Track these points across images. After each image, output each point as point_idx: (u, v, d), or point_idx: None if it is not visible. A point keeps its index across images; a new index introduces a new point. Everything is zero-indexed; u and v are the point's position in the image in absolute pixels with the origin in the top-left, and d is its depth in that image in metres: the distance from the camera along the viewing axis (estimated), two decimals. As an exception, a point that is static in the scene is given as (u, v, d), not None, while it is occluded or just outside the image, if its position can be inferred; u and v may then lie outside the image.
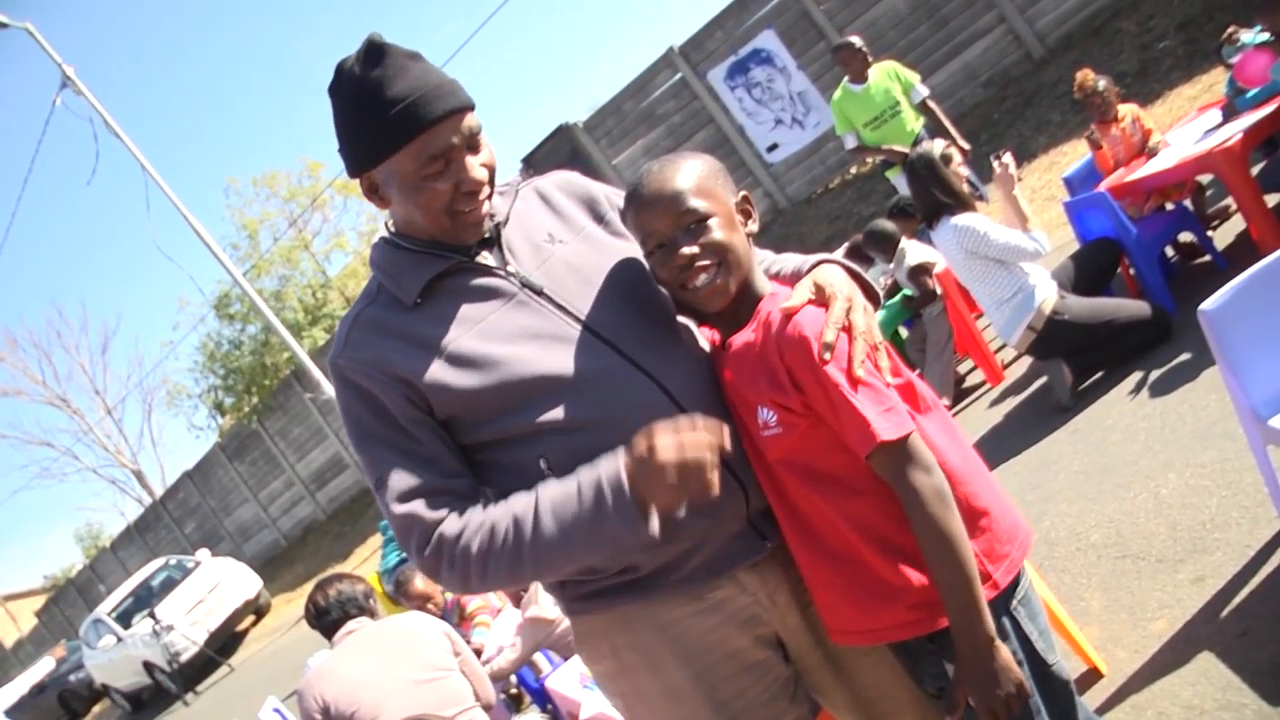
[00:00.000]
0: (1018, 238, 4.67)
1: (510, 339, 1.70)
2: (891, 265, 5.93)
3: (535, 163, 13.48)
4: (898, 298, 5.98)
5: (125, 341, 60.86)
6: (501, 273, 1.76)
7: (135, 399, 45.96)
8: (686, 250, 1.68)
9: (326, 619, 3.73)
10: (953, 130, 7.70)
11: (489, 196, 1.75)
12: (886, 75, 7.78)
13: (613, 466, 1.58)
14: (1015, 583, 1.68)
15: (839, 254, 6.96)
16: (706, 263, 1.69)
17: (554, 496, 1.61)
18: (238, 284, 14.91)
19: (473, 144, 1.70)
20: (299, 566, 18.50)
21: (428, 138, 1.64)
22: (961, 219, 4.73)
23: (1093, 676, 2.88)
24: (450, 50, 24.04)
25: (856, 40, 7.88)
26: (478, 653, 4.80)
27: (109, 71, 54.66)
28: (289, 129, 58.17)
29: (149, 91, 58.46)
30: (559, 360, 1.69)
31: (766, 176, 12.30)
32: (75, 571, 33.38)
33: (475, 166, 1.69)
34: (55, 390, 32.86)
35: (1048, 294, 4.68)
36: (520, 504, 1.63)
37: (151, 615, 15.20)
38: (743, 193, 1.78)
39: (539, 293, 1.75)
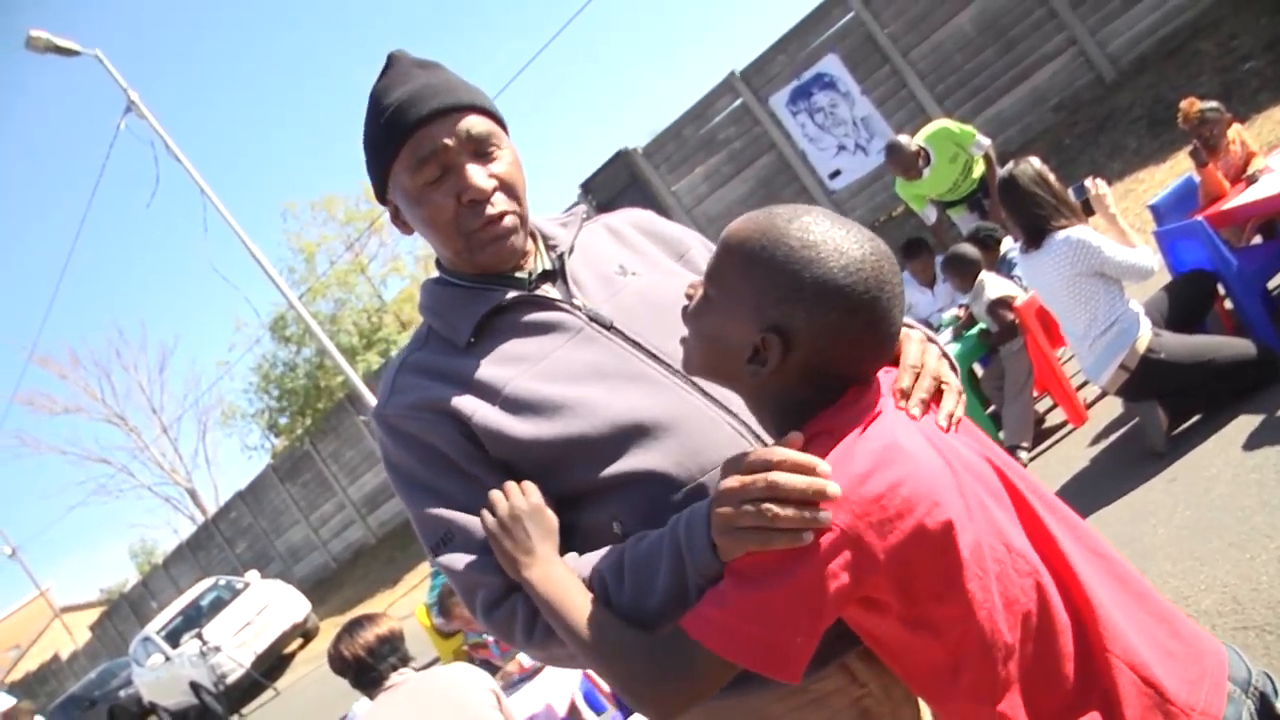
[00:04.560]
0: (1133, 254, 4.35)
1: (576, 379, 1.47)
2: (969, 297, 5.62)
3: (594, 188, 13.32)
4: (974, 331, 5.67)
5: (183, 361, 61.76)
6: (565, 306, 1.54)
7: (191, 418, 46.60)
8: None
9: (367, 675, 3.46)
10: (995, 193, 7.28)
11: (514, 214, 1.52)
12: (945, 141, 7.36)
13: (698, 509, 1.29)
14: None
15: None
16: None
17: (634, 552, 1.35)
18: (293, 307, 14.89)
19: (479, 150, 1.49)
20: (348, 590, 18.40)
21: (415, 141, 1.46)
22: (1076, 231, 4.39)
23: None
24: (509, 74, 23.98)
25: (906, 141, 7.36)
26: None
27: (172, 96, 55.78)
28: (347, 154, 58.84)
29: (210, 116, 59.61)
30: (633, 402, 1.45)
31: (829, 204, 12.00)
32: (129, 587, 33.72)
33: (478, 174, 1.48)
34: (114, 408, 33.34)
35: (1144, 330, 4.35)
36: (609, 558, 1.37)
37: (199, 636, 15.19)
38: (774, 333, 1.22)
39: (608, 328, 1.52)
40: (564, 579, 1.34)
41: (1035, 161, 4.60)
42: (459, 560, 1.45)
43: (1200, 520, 3.68)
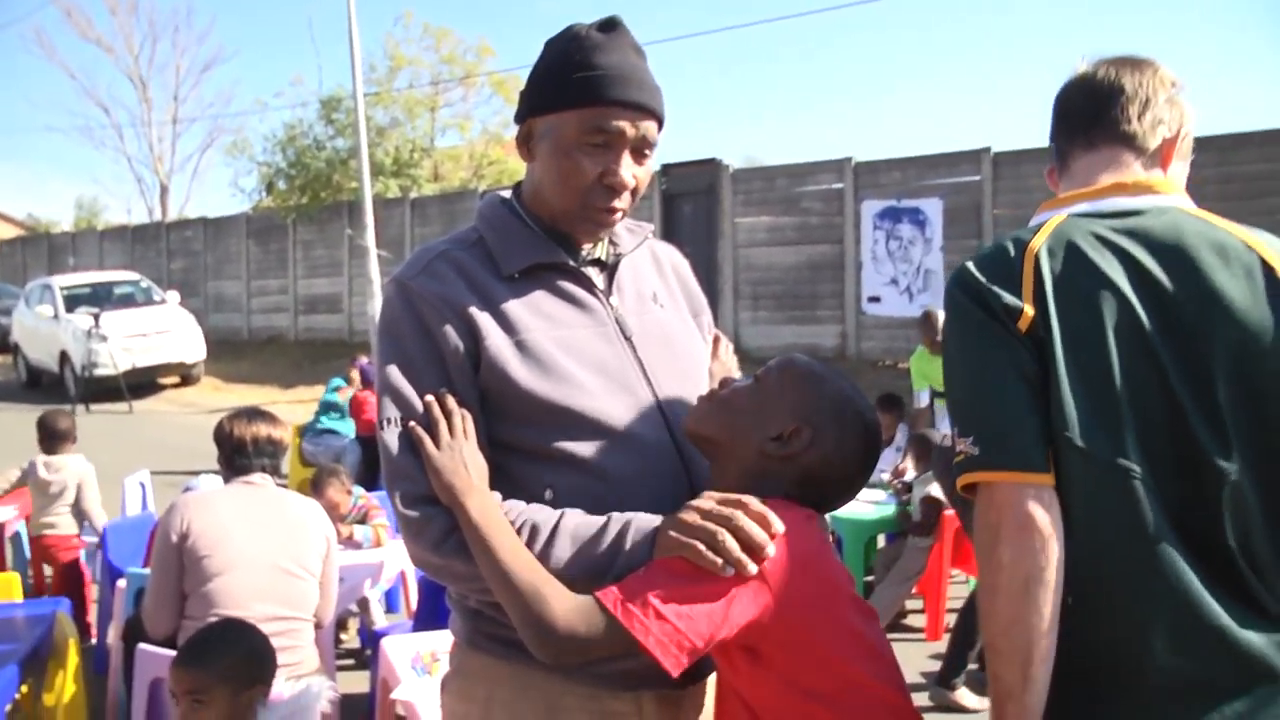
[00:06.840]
0: None
1: (582, 361, 1.65)
2: (915, 476, 5.84)
3: (671, 176, 13.51)
4: (897, 508, 5.90)
5: (226, 76, 61.05)
6: (602, 298, 1.72)
7: (203, 127, 46.31)
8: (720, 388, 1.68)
9: (239, 460, 3.60)
10: None
11: (624, 212, 1.70)
12: None
13: (650, 517, 1.52)
14: None
15: None
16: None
17: (580, 522, 1.53)
18: (354, 96, 14.90)
19: (638, 149, 1.66)
20: (245, 366, 18.44)
21: (606, 111, 1.60)
22: None
23: None
24: (669, 34, 24.00)
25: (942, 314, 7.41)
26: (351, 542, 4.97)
27: None
28: (484, 10, 58.82)
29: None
30: (618, 406, 1.64)
31: (853, 320, 12.26)
32: (59, 230, 33.45)
33: (628, 168, 1.65)
34: (141, 70, 33.01)
35: None
36: (544, 514, 1.55)
37: (95, 317, 15.20)
38: (798, 427, 1.55)
39: (628, 339, 1.70)
40: (499, 517, 1.51)
41: None
42: (401, 446, 1.59)
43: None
